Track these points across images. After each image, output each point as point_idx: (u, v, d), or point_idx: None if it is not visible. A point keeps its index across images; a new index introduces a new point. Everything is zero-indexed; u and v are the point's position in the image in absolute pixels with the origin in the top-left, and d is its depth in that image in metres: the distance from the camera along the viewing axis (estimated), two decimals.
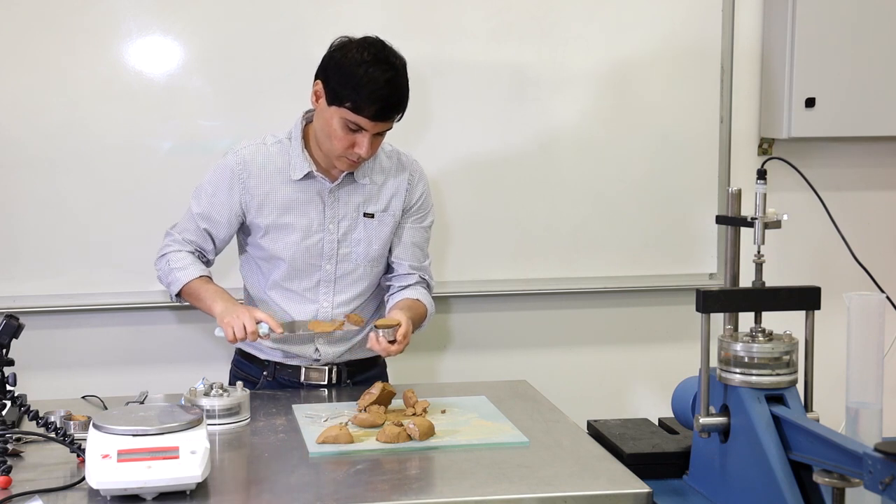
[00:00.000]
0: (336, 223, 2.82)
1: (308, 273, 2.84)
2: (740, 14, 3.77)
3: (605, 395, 3.82)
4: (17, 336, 2.36)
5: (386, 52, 2.68)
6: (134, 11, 3.43)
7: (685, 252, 3.81)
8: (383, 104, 2.63)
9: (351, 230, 2.84)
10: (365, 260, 2.86)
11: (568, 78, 3.67)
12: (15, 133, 3.39)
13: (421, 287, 2.93)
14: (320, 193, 2.81)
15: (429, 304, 2.91)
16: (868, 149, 3.92)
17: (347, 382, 2.90)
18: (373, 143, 2.70)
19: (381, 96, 2.62)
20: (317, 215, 2.82)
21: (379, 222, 2.86)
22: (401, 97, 2.68)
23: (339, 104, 2.65)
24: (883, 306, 2.18)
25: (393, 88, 2.64)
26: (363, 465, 2.27)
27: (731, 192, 2.45)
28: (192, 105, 3.48)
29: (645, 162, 3.75)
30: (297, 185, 2.80)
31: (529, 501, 2.12)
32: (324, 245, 2.83)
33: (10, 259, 3.43)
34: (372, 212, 2.85)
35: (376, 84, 2.61)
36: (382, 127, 2.69)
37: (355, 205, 2.84)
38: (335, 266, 2.84)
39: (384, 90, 2.62)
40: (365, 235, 2.85)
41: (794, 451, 2.10)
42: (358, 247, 2.85)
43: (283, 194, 2.80)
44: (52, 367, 3.48)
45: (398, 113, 2.69)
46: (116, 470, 2.04)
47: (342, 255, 2.84)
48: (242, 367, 2.98)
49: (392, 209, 2.87)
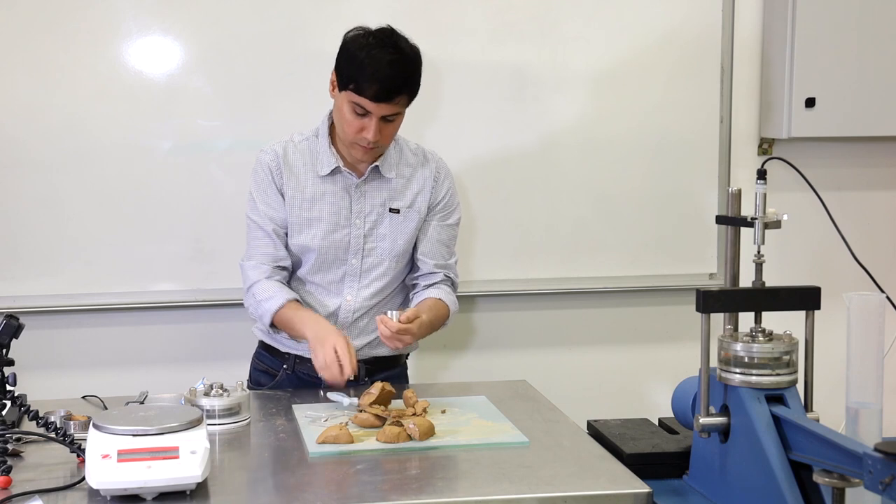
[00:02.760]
0: (362, 218, 2.86)
1: (334, 266, 2.87)
2: (740, 14, 3.77)
3: (605, 395, 3.82)
4: (17, 336, 2.36)
5: (395, 37, 2.73)
6: (134, 11, 3.43)
7: (685, 252, 3.81)
8: (384, 84, 2.67)
9: (377, 225, 2.87)
10: (390, 255, 2.89)
11: (568, 78, 3.67)
12: (15, 133, 3.40)
13: (445, 286, 2.95)
14: (347, 188, 2.86)
15: (451, 304, 2.93)
16: (868, 149, 3.92)
17: (366, 380, 2.89)
18: (383, 129, 2.73)
19: (382, 76, 2.66)
20: (344, 209, 2.85)
21: (404, 218, 2.89)
22: (404, 79, 2.70)
23: (345, 87, 2.71)
24: (883, 306, 2.18)
25: (395, 70, 2.68)
26: (363, 465, 2.27)
27: (731, 192, 2.45)
28: (192, 105, 3.48)
29: (645, 162, 3.75)
30: (325, 180, 2.85)
31: (529, 501, 2.12)
32: (350, 239, 2.86)
33: (10, 259, 3.44)
34: (398, 207, 2.88)
35: (378, 64, 2.66)
36: (387, 109, 2.71)
37: (381, 200, 2.87)
38: (360, 260, 2.88)
39: (386, 70, 2.66)
40: (390, 231, 2.88)
41: (794, 451, 2.10)
42: (383, 242, 2.88)
43: (312, 189, 2.85)
44: (52, 367, 3.48)
45: (400, 95, 2.71)
46: (116, 470, 2.04)
47: (367, 250, 2.87)
48: (263, 359, 3.00)
49: (417, 205, 2.90)
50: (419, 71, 2.76)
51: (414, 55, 2.75)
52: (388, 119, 2.74)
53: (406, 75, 2.71)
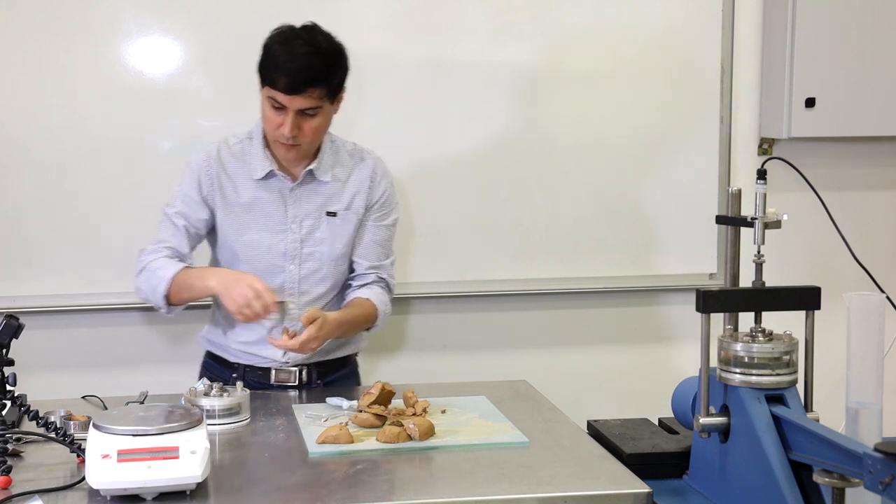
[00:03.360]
0: (299, 223, 2.82)
1: (272, 274, 2.81)
2: (740, 14, 3.77)
3: (605, 395, 3.82)
4: (17, 336, 2.36)
5: (313, 32, 2.73)
6: (134, 11, 3.43)
7: (685, 252, 3.81)
8: (294, 76, 2.65)
9: (314, 230, 2.83)
10: (329, 259, 2.85)
11: (568, 78, 3.67)
12: (15, 133, 3.40)
13: (377, 286, 2.90)
14: (282, 192, 2.82)
15: (380, 304, 2.88)
16: (868, 149, 3.92)
17: (318, 383, 2.89)
18: (302, 124, 2.71)
19: (292, 68, 2.66)
20: (279, 215, 2.82)
21: (342, 221, 2.85)
22: (315, 71, 2.68)
23: (263, 83, 2.72)
24: (883, 306, 2.19)
25: (305, 61, 2.66)
26: (363, 465, 2.27)
27: (731, 192, 2.45)
28: (192, 105, 3.48)
29: (645, 162, 3.75)
30: (260, 184, 2.81)
31: (529, 501, 2.12)
32: (286, 245, 2.82)
33: (10, 259, 3.44)
34: (335, 210, 2.84)
35: (289, 56, 2.67)
36: (301, 103, 2.68)
37: (318, 204, 2.83)
38: (299, 266, 2.83)
39: (296, 62, 2.66)
40: (328, 235, 2.84)
41: (794, 451, 2.10)
42: (321, 246, 2.84)
43: (246, 194, 2.81)
44: (52, 367, 3.48)
45: (313, 87, 2.68)
46: (116, 470, 2.04)
47: (305, 255, 2.83)
48: (212, 368, 2.97)
49: (355, 207, 2.86)
50: (337, 65, 2.74)
51: (332, 50, 2.73)
52: (307, 113, 2.71)
53: (316, 67, 2.68)
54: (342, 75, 2.76)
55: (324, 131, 2.80)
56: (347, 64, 2.77)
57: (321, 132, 2.79)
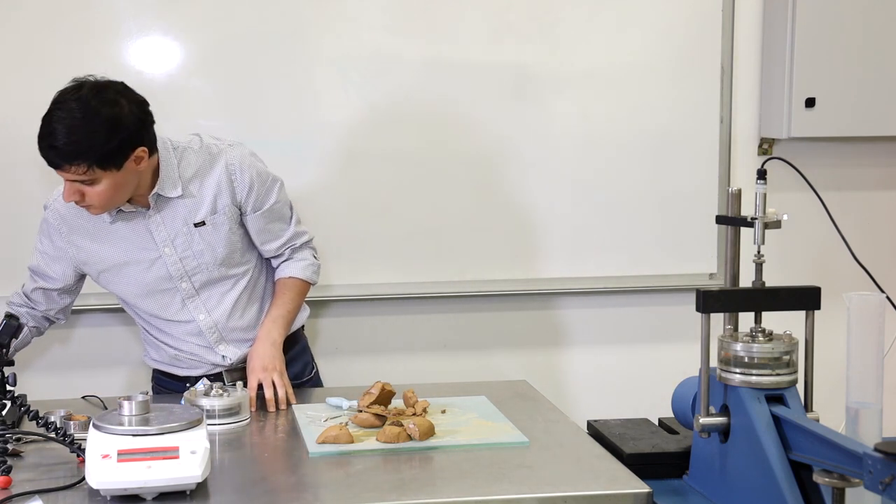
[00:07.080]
0: (170, 244, 2.72)
1: (168, 296, 2.77)
2: (740, 14, 3.77)
3: (605, 395, 3.82)
4: (17, 336, 2.37)
5: (82, 94, 2.49)
6: (134, 11, 3.43)
7: (685, 252, 3.81)
8: (45, 153, 2.48)
9: (189, 244, 2.73)
10: (215, 265, 2.76)
11: (568, 78, 3.67)
12: (15, 133, 3.39)
13: (291, 262, 2.86)
14: (142, 222, 2.71)
15: (303, 271, 2.86)
16: (868, 149, 3.92)
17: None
18: (83, 190, 2.52)
19: (44, 145, 2.47)
20: (148, 244, 2.72)
21: (213, 226, 2.73)
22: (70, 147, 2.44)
23: None
24: (883, 306, 2.18)
25: (57, 136, 2.44)
26: (363, 465, 2.27)
27: (731, 192, 2.45)
28: (192, 105, 3.48)
29: (645, 162, 3.75)
30: (116, 223, 2.71)
31: (529, 501, 2.12)
32: (168, 268, 2.74)
33: (10, 259, 3.43)
34: (201, 219, 2.73)
35: (45, 129, 2.47)
36: (68, 175, 2.49)
37: (182, 219, 2.71)
38: (190, 281, 2.76)
39: (45, 140, 2.47)
40: (205, 244, 2.74)
41: (794, 451, 2.10)
42: (203, 256, 2.75)
43: (107, 237, 2.72)
44: (52, 367, 3.48)
45: (68, 163, 2.46)
46: (116, 470, 2.04)
47: (191, 270, 2.75)
48: (163, 383, 2.94)
49: (221, 208, 2.73)
50: (101, 137, 2.46)
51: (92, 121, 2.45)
52: (84, 183, 2.51)
53: (73, 142, 2.44)
54: (113, 145, 2.48)
55: (122, 191, 2.58)
56: (122, 131, 2.50)
57: (114, 196, 2.57)
